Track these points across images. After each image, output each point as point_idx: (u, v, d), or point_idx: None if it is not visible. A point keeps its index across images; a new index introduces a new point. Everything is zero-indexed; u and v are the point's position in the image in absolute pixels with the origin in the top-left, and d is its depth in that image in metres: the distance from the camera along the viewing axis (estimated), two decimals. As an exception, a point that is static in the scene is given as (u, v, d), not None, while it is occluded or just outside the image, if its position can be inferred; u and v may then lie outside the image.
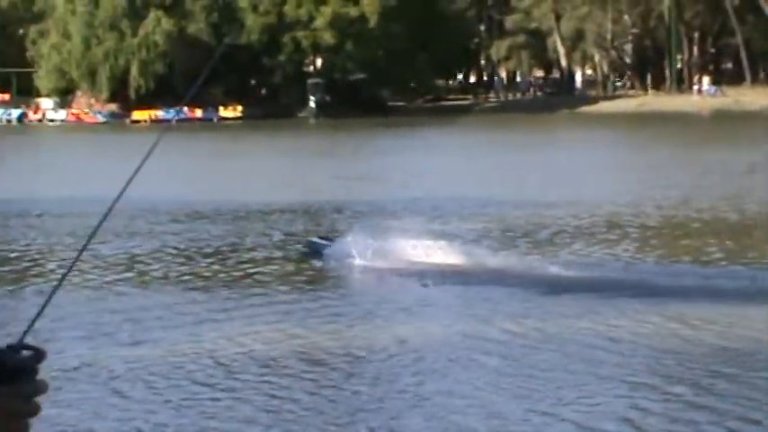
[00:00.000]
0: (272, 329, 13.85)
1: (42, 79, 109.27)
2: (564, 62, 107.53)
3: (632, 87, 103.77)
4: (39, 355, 1.84)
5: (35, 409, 1.80)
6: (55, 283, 2.05)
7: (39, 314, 2.06)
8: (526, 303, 15.25)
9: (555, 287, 16.20)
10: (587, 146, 50.37)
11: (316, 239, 20.37)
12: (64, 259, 19.19)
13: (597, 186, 30.90)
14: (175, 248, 21.08)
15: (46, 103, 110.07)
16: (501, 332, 13.54)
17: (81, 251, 2.31)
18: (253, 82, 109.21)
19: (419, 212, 25.76)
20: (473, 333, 13.48)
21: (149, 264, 19.35)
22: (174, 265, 19.16)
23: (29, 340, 1.92)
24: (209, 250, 20.83)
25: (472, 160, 42.77)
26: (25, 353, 1.84)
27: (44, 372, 1.79)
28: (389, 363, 12.20)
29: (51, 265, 18.35)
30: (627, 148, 47.78)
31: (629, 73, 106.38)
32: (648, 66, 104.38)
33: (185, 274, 18.32)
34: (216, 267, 18.84)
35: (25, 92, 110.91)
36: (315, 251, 19.48)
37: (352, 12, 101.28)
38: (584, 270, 17.54)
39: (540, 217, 24.47)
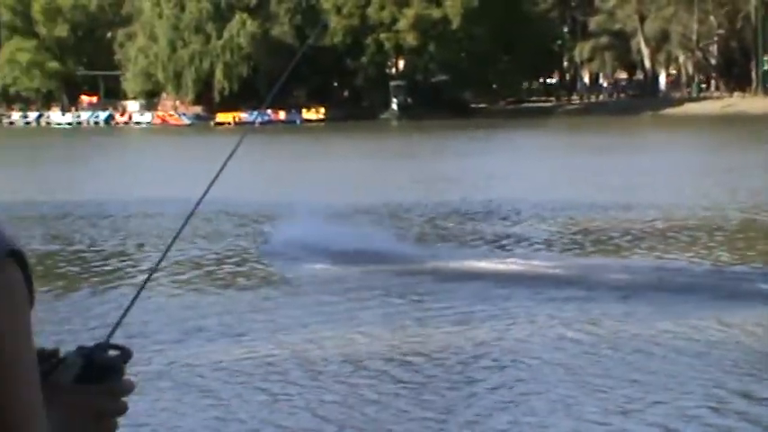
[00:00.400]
0: (357, 331, 13.90)
1: (129, 82, 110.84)
2: (648, 64, 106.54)
3: (717, 89, 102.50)
4: (126, 354, 1.86)
5: (123, 408, 1.81)
6: (140, 283, 2.09)
7: (125, 314, 2.11)
8: (607, 305, 15.15)
9: (636, 290, 16.11)
10: (670, 148, 49.85)
11: None
12: (149, 260, 19.41)
13: (679, 189, 30.59)
14: (255, 249, 21.21)
15: (132, 105, 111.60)
16: (583, 334, 13.48)
17: (165, 252, 2.35)
18: (335, 84, 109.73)
19: (497, 215, 25.75)
20: (555, 335, 13.45)
21: (232, 264, 19.50)
22: (256, 266, 19.31)
23: (115, 339, 1.97)
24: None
25: (553, 162, 42.52)
26: (112, 352, 1.87)
27: (129, 371, 1.80)
28: (472, 365, 12.21)
29: (137, 266, 18.55)
30: (710, 151, 47.12)
31: (714, 74, 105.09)
32: (734, 67, 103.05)
33: (265, 275, 18.44)
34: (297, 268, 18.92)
35: (113, 94, 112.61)
36: None
37: (435, 13, 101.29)
38: (665, 273, 17.43)
39: (620, 220, 24.31)
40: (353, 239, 21.38)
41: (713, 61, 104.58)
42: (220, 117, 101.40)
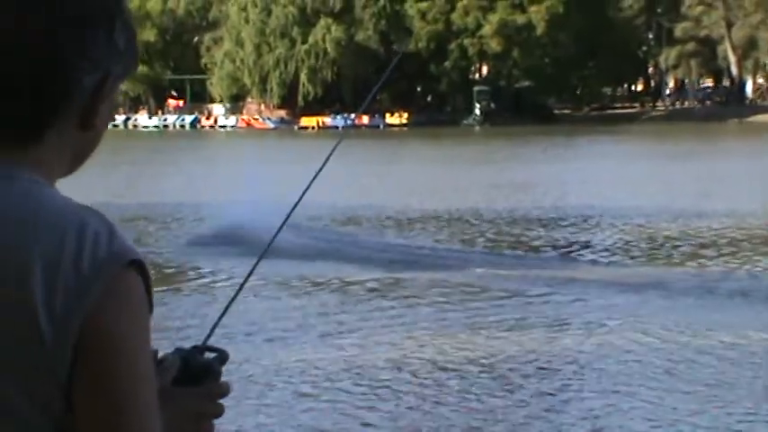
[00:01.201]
0: (407, 336, 13.91)
1: (215, 86, 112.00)
2: (735, 71, 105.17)
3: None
4: (223, 356, 1.89)
5: (220, 411, 1.84)
6: (236, 287, 2.11)
7: (221, 316, 2.12)
8: (688, 311, 15.04)
9: (715, 296, 16.07)
10: (755, 155, 49.14)
11: None
12: (244, 264, 19.36)
13: (760, 197, 30.14)
14: (338, 253, 21.28)
15: (217, 109, 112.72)
16: (664, 341, 13.38)
17: (260, 256, 2.35)
18: (419, 89, 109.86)
19: (566, 221, 25.69)
20: (635, 341, 13.36)
21: (317, 269, 19.57)
22: (338, 271, 19.36)
23: (212, 342, 1.97)
24: (367, 255, 21.05)
25: (632, 169, 42.10)
26: (209, 354, 1.89)
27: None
28: (518, 371, 12.18)
29: (236, 270, 18.65)
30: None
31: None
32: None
33: (324, 281, 18.46)
34: (379, 275, 18.96)
35: (199, 98, 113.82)
36: None
37: (520, 19, 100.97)
38: (743, 281, 17.31)
39: (692, 227, 24.09)
40: (413, 247, 21.67)
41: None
42: (304, 121, 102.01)
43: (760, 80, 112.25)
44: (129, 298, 1.61)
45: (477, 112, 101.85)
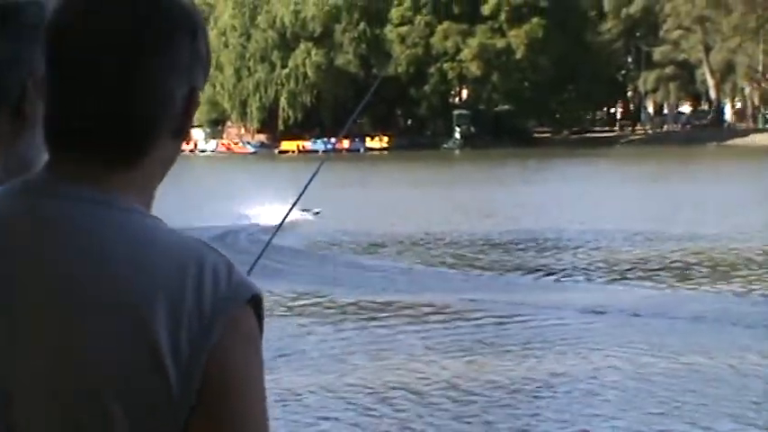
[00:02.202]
0: (415, 359, 13.92)
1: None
2: (713, 94, 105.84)
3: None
4: None
5: None
6: None
7: None
8: (687, 335, 15.12)
9: (711, 319, 16.17)
10: (734, 179, 49.40)
11: None
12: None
13: (737, 220, 30.31)
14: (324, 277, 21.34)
15: (197, 133, 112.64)
16: (666, 363, 13.49)
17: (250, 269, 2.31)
18: (399, 113, 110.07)
19: (535, 244, 25.79)
20: (635, 365, 13.46)
21: (309, 295, 19.59)
22: (327, 294, 19.40)
23: None
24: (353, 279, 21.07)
25: (608, 192, 42.37)
26: None
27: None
28: (526, 394, 12.22)
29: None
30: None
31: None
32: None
33: (332, 305, 18.51)
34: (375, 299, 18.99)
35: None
36: None
37: (499, 43, 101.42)
38: (735, 303, 17.39)
39: (665, 250, 24.28)
40: (389, 270, 21.65)
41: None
42: (284, 145, 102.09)
43: (738, 104, 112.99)
44: (250, 337, 1.55)
45: (458, 135, 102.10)
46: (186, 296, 1.52)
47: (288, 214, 2.59)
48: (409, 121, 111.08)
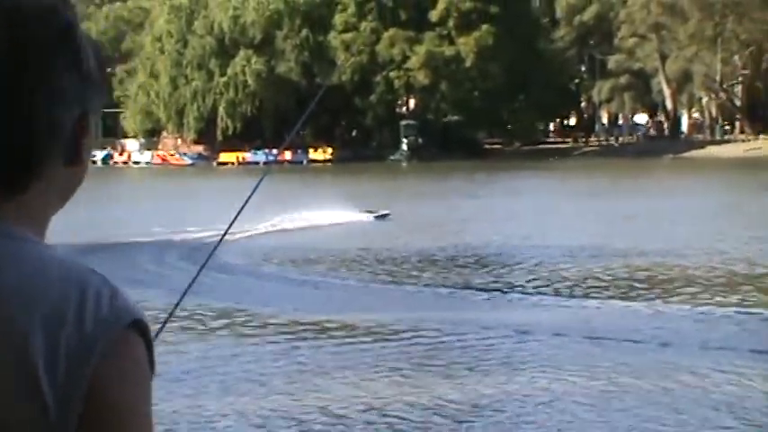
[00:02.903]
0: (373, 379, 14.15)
1: (129, 120, 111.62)
2: (669, 105, 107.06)
3: (742, 132, 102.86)
4: None
5: None
6: (158, 325, 2.32)
7: None
8: (622, 354, 15.37)
9: (657, 340, 16.39)
10: (690, 192, 50.03)
11: None
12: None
13: (690, 235, 30.79)
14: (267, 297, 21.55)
15: (131, 144, 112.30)
16: (600, 384, 13.72)
17: (181, 298, 2.62)
18: (343, 123, 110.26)
19: (493, 263, 26.15)
20: (569, 386, 13.68)
21: (248, 312, 19.87)
22: (256, 313, 19.62)
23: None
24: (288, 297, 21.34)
25: (562, 207, 42.78)
26: None
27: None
28: (476, 419, 12.42)
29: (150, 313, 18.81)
30: (732, 196, 47.38)
31: (738, 117, 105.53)
32: (759, 109, 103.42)
33: (271, 321, 18.75)
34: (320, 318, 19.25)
35: (111, 133, 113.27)
36: None
37: (448, 51, 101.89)
38: (679, 322, 17.72)
39: (633, 266, 24.53)
40: (333, 287, 21.89)
41: (737, 103, 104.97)
42: (223, 157, 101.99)
43: (695, 114, 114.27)
44: (133, 360, 1.59)
45: (405, 147, 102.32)
46: (67, 321, 1.56)
47: (227, 231, 2.88)
48: (354, 132, 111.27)
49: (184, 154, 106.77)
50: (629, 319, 18.35)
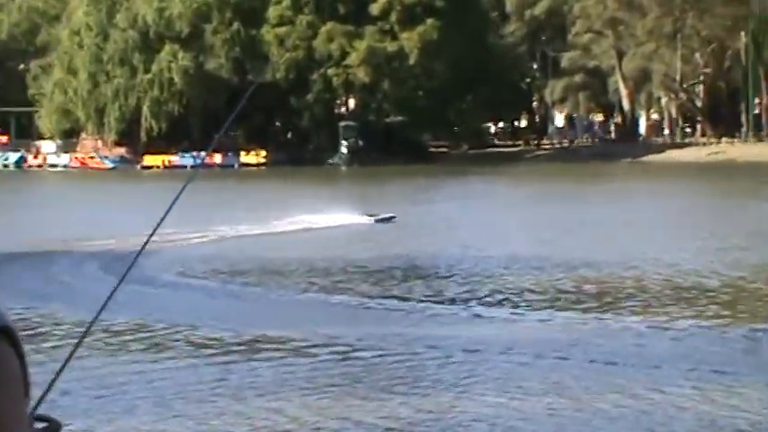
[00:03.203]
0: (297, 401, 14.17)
1: (44, 120, 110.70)
2: (626, 105, 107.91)
3: (703, 134, 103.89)
4: (54, 426, 1.91)
5: None
6: (70, 348, 2.34)
7: (53, 383, 2.20)
8: (573, 374, 15.52)
9: (604, 357, 16.58)
10: (649, 199, 50.47)
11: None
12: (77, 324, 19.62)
13: (640, 245, 31.15)
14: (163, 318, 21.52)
15: (47, 146, 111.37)
16: (532, 404, 13.82)
17: (97, 315, 2.67)
18: (278, 124, 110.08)
19: (430, 274, 26.24)
20: (518, 406, 13.80)
21: (158, 328, 19.82)
22: (172, 328, 19.60)
23: (42, 411, 1.99)
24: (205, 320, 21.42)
25: (508, 215, 43.04)
26: (39, 424, 1.89)
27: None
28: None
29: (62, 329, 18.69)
30: (691, 203, 47.86)
31: (699, 118, 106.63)
32: (722, 110, 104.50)
33: (197, 340, 18.77)
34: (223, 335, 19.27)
35: (25, 134, 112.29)
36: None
37: (390, 47, 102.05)
38: (628, 338, 17.92)
39: (589, 278, 24.72)
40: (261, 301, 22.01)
41: (699, 103, 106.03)
42: (148, 160, 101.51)
43: (654, 115, 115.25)
44: (2, 369, 1.60)
45: (344, 150, 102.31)
46: None
47: (149, 240, 2.93)
48: (290, 134, 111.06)
49: (105, 157, 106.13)
50: (574, 334, 18.49)
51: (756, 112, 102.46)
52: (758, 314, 20.29)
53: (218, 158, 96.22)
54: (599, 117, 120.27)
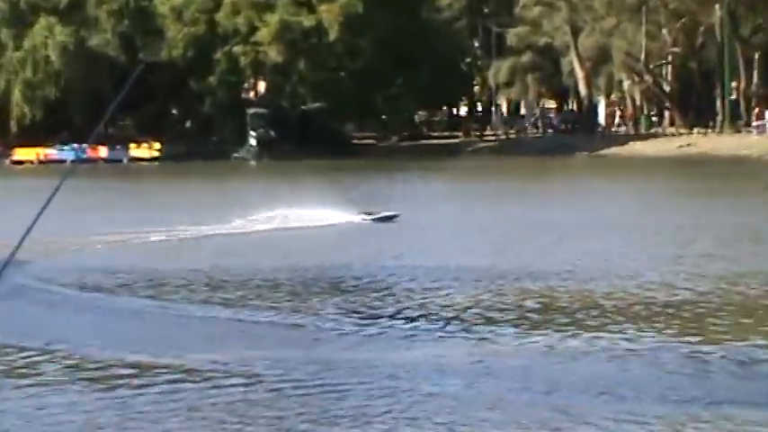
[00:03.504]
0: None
1: None
2: (583, 90, 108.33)
3: (672, 124, 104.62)
4: None
5: None
6: None
7: None
8: (512, 402, 15.49)
9: (547, 383, 16.63)
10: (607, 200, 50.55)
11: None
12: None
13: (608, 254, 31.17)
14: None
15: None
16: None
17: None
18: (175, 112, 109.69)
19: (351, 288, 26.19)
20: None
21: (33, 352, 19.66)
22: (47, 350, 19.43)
23: None
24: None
25: (452, 217, 43.16)
26: None
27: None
28: None
29: None
30: (656, 205, 48.09)
31: (668, 105, 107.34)
32: (694, 96, 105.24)
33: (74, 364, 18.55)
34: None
35: None
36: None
37: (306, 21, 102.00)
38: (576, 361, 17.95)
39: (532, 292, 24.76)
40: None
41: (667, 88, 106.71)
42: (20, 154, 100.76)
43: (615, 102, 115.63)
44: None
45: (253, 142, 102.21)
46: None
47: (19, 245, 2.83)
48: (189, 123, 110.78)
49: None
50: (519, 357, 18.53)
51: (733, 97, 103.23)
52: (708, 335, 20.34)
53: (103, 152, 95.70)
54: (551, 104, 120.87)
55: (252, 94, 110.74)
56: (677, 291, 24.84)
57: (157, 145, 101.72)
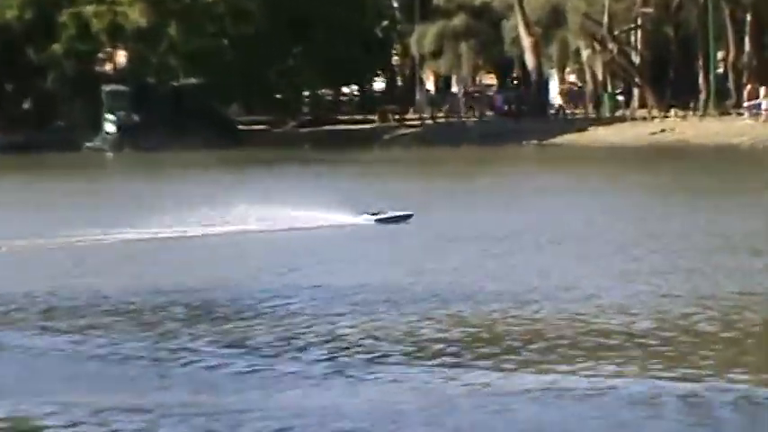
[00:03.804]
0: None
1: None
2: (530, 62, 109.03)
3: (643, 105, 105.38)
4: None
5: None
6: None
7: None
8: None
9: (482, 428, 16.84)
10: (555, 202, 51.01)
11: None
12: None
13: (557, 268, 31.58)
14: None
15: None
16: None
17: None
18: (8, 89, 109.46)
19: (222, 315, 26.29)
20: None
21: None
22: None
23: None
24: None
25: (358, 226, 43.30)
26: None
27: None
28: None
29: None
30: (627, 207, 48.55)
31: (638, 80, 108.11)
32: (670, 69, 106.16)
33: None
34: None
35: None
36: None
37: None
38: (514, 401, 18.06)
39: (461, 319, 25.02)
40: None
41: (636, 59, 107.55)
42: None
43: (571, 77, 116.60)
44: None
45: (110, 127, 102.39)
46: None
47: None
48: (27, 104, 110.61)
49: None
50: (438, 397, 18.63)
51: (719, 71, 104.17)
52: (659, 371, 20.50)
53: None
54: (490, 79, 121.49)
55: (109, 66, 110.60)
56: (635, 317, 25.00)
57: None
